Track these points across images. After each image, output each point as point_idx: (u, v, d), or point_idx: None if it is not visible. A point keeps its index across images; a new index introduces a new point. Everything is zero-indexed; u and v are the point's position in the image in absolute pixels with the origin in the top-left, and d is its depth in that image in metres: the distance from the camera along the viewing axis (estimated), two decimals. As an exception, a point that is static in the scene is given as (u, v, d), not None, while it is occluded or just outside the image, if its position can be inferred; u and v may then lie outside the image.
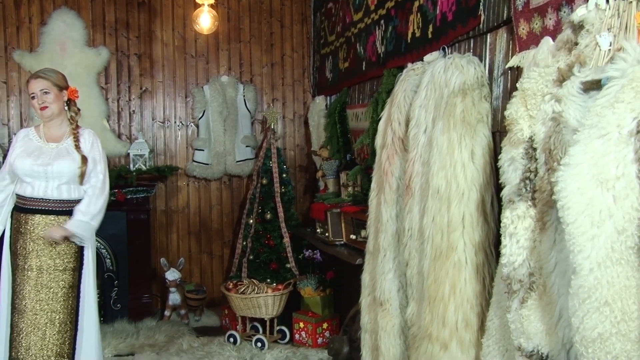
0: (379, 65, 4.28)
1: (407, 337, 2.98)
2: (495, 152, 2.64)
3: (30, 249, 3.46)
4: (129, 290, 5.67)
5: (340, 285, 4.99)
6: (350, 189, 4.72)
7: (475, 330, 2.49)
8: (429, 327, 2.58)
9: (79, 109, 3.68)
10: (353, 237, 4.35)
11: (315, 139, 5.91)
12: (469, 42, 3.05)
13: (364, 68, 4.67)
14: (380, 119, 3.46)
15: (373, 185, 3.44)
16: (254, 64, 6.32)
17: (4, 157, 5.28)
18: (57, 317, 3.44)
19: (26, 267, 3.45)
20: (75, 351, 3.51)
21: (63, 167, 3.48)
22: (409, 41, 3.75)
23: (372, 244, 3.38)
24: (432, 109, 2.87)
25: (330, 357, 3.89)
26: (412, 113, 3.02)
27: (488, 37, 2.87)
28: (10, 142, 5.73)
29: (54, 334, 3.43)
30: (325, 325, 4.92)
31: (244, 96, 6.20)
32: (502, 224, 2.11)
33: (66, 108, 3.62)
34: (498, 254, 2.29)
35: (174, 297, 5.61)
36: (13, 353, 3.44)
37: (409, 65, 3.35)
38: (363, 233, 4.03)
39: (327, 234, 4.71)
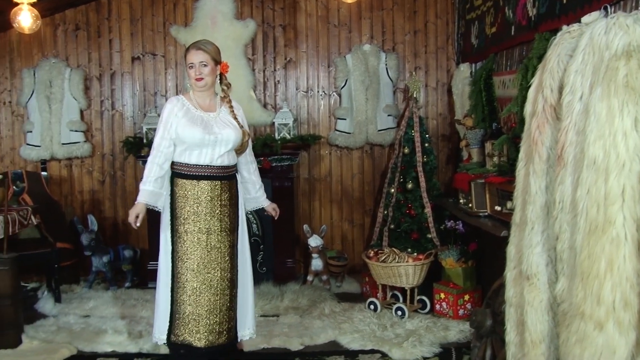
0: (529, 29, 4.07)
1: (556, 313, 2.85)
2: (663, 119, 2.42)
3: (199, 213, 3.69)
4: (274, 254, 5.91)
5: (483, 257, 4.87)
6: (495, 158, 4.57)
7: (635, 311, 2.32)
8: (582, 305, 2.45)
9: (229, 83, 3.84)
10: (498, 208, 4.21)
11: (459, 108, 5.77)
12: (636, -1, 2.80)
13: (512, 33, 4.45)
14: (530, 85, 3.29)
15: (521, 155, 3.29)
16: (397, 31, 6.25)
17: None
18: (227, 275, 3.71)
19: (196, 230, 3.68)
20: (237, 304, 3.78)
21: (230, 135, 3.69)
22: (564, 2, 3.51)
23: (519, 215, 3.24)
24: (590, 74, 2.67)
25: (473, 329, 3.82)
26: (567, 79, 2.84)
27: (660, -8, 2.61)
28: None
29: (225, 290, 3.69)
30: (467, 297, 4.85)
31: (386, 65, 6.16)
32: (670, 198, 1.94)
33: (218, 81, 3.81)
34: (663, 231, 2.11)
35: (317, 263, 5.77)
36: (188, 310, 3.67)
37: (564, 27, 3.13)
38: (509, 204, 3.89)
39: (470, 205, 4.61)
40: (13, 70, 6.23)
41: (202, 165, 3.69)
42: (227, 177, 3.76)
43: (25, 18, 5.60)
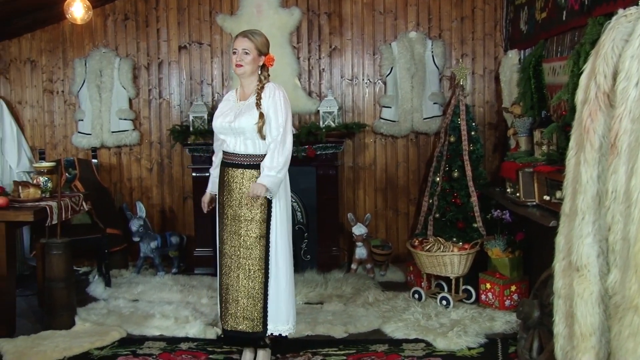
0: (582, 14, 3.95)
1: (607, 306, 2.79)
2: None
3: (226, 199, 3.79)
4: (318, 242, 5.93)
5: (531, 248, 4.79)
6: (544, 147, 4.48)
7: (691, 305, 2.26)
8: (635, 298, 2.39)
9: (269, 74, 3.82)
10: (547, 198, 4.13)
11: (506, 96, 5.66)
12: (696, -19, 2.69)
13: (564, 18, 4.34)
14: (582, 72, 3.20)
15: (572, 143, 3.21)
16: (443, 18, 6.16)
17: (209, 115, 5.76)
18: (246, 262, 3.73)
19: (224, 215, 3.80)
20: (267, 295, 3.77)
21: (242, 123, 3.69)
22: (619, -15, 3.40)
23: (569, 205, 3.17)
24: (646, 60, 2.59)
25: (519, 320, 3.77)
26: (622, 65, 2.75)
27: None
28: (214, 100, 6.22)
29: (244, 278, 3.73)
30: (513, 288, 4.78)
31: (432, 52, 6.09)
32: None
33: (259, 72, 3.78)
34: None
35: (361, 252, 5.77)
36: (220, 291, 3.87)
37: (620, 11, 3.03)
38: (558, 194, 3.82)
39: (517, 194, 4.53)
40: (65, 60, 6.39)
41: (229, 153, 3.79)
42: (252, 166, 3.73)
43: (77, 9, 5.73)
